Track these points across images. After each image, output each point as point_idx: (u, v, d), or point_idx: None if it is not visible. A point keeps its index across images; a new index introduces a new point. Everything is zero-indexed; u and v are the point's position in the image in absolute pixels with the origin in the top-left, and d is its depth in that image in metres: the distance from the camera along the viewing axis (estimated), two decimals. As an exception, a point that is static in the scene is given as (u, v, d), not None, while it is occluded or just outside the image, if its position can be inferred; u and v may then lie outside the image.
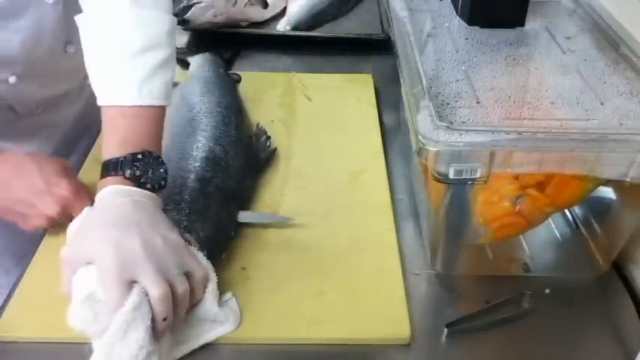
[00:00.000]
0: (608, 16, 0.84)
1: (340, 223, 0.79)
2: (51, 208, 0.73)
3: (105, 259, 0.57)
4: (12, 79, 0.84)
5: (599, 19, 0.84)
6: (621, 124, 0.65)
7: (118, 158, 0.64)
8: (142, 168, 0.64)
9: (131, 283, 0.57)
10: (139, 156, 0.65)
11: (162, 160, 0.67)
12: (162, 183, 0.66)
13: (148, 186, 0.64)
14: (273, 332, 0.66)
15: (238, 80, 1.08)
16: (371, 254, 0.75)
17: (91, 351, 0.57)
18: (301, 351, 0.65)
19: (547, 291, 0.72)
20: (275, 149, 0.91)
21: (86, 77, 0.83)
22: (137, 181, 0.64)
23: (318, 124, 0.99)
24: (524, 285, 0.72)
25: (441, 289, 0.74)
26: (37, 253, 0.74)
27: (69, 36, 0.86)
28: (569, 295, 0.72)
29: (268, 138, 0.92)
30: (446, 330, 0.68)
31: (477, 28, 0.84)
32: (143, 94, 0.67)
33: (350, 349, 0.66)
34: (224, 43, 1.16)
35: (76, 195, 0.74)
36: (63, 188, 0.73)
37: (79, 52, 0.72)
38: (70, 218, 0.69)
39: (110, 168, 0.64)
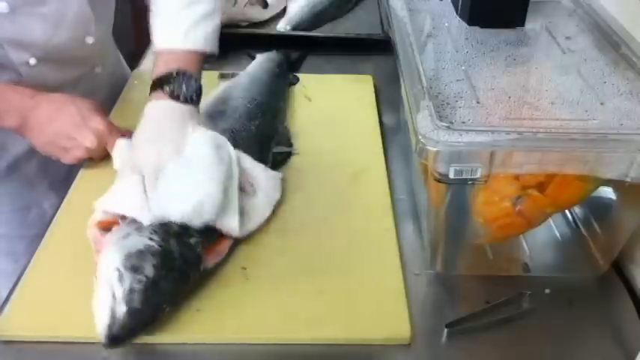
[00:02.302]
0: (608, 16, 0.84)
1: (340, 223, 0.79)
2: (89, 140, 0.83)
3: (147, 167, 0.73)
4: (32, 61, 0.90)
5: (599, 19, 0.84)
6: (621, 124, 0.65)
7: (159, 76, 0.80)
8: (177, 83, 0.79)
9: None
10: (175, 74, 0.79)
11: (196, 79, 0.81)
12: (194, 96, 0.80)
13: (181, 98, 0.78)
14: (274, 332, 0.66)
15: (293, 82, 1.09)
16: (371, 254, 0.75)
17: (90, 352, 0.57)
18: (302, 351, 0.65)
19: (547, 291, 0.72)
20: (289, 154, 0.91)
21: (93, 66, 0.98)
22: (172, 95, 0.78)
23: (318, 124, 0.99)
24: (524, 285, 0.72)
25: (441, 289, 0.74)
26: (37, 253, 0.74)
27: (89, 28, 0.94)
28: (569, 295, 0.72)
29: (289, 140, 0.93)
30: (446, 330, 0.68)
31: (477, 28, 0.84)
32: (187, 40, 0.83)
33: (350, 349, 0.66)
34: (224, 43, 1.16)
35: (109, 128, 0.84)
36: (98, 122, 0.84)
37: (97, 43, 0.83)
38: (105, 150, 0.84)
39: (154, 85, 0.80)
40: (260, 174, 0.81)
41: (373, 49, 1.22)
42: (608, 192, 0.73)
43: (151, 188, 0.71)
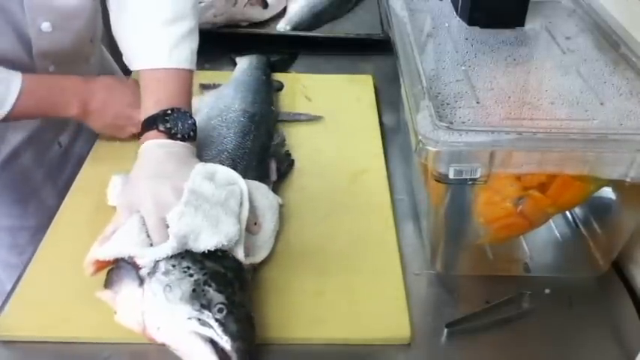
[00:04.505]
0: (608, 16, 0.84)
1: (340, 224, 0.79)
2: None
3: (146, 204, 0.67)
4: (51, 68, 0.92)
5: (599, 19, 0.84)
6: (621, 124, 0.65)
7: (152, 115, 0.76)
8: (173, 122, 0.76)
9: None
10: (169, 111, 0.76)
11: (190, 115, 0.78)
12: (192, 134, 0.77)
13: (179, 136, 0.75)
14: (274, 332, 0.66)
15: (279, 88, 1.07)
16: (371, 254, 0.75)
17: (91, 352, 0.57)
18: (302, 351, 0.65)
19: (547, 291, 0.72)
20: (292, 162, 0.89)
21: (88, 58, 0.99)
22: (169, 133, 0.75)
23: (318, 124, 0.99)
24: (524, 285, 0.72)
25: (441, 289, 0.74)
26: (37, 252, 0.75)
27: (96, 29, 0.97)
28: (569, 295, 0.72)
29: (288, 155, 0.90)
30: (446, 330, 0.68)
31: (476, 28, 0.84)
32: (172, 59, 0.79)
33: (350, 349, 0.66)
34: (224, 43, 1.16)
35: None
36: None
37: (96, 42, 0.83)
38: None
39: (147, 124, 0.76)
40: (266, 210, 0.76)
41: (373, 49, 1.22)
42: (608, 192, 0.72)
43: (152, 226, 0.66)
